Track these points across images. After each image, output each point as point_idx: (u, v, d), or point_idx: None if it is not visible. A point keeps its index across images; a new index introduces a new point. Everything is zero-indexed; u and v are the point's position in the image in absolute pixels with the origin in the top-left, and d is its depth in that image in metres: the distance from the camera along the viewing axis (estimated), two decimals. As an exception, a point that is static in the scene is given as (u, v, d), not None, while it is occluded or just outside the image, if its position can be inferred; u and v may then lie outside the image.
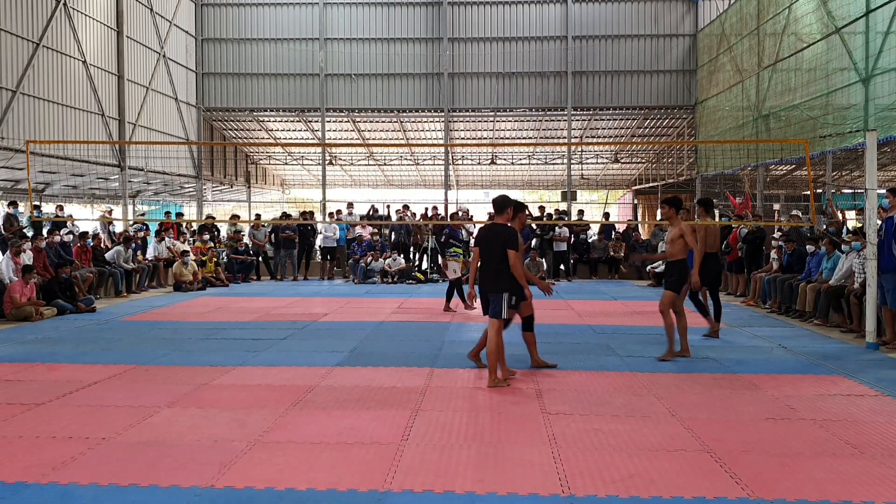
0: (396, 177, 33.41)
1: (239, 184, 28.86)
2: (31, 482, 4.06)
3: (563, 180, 28.72)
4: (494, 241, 6.44)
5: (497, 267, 6.41)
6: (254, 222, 18.61)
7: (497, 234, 6.46)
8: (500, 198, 6.65)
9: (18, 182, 18.06)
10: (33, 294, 10.76)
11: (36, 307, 10.56)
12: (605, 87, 22.83)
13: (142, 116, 20.16)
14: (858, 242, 9.05)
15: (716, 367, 7.22)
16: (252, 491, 3.95)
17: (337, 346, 8.29)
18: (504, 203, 6.58)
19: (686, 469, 4.31)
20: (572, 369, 7.09)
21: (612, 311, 11.73)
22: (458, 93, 23.04)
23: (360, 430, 5.03)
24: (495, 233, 6.49)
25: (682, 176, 25.72)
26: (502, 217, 6.58)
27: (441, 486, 4.03)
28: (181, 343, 8.53)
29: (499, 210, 6.59)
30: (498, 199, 6.64)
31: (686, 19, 22.58)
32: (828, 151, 14.14)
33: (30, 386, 6.38)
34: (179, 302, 12.78)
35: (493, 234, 6.50)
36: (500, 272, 6.41)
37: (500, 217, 6.59)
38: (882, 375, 6.83)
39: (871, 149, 8.24)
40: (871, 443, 4.81)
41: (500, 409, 5.64)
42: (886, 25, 11.75)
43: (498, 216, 6.61)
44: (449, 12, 22.66)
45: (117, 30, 18.94)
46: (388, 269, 16.78)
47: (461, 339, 8.86)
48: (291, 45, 23.09)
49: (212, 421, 5.27)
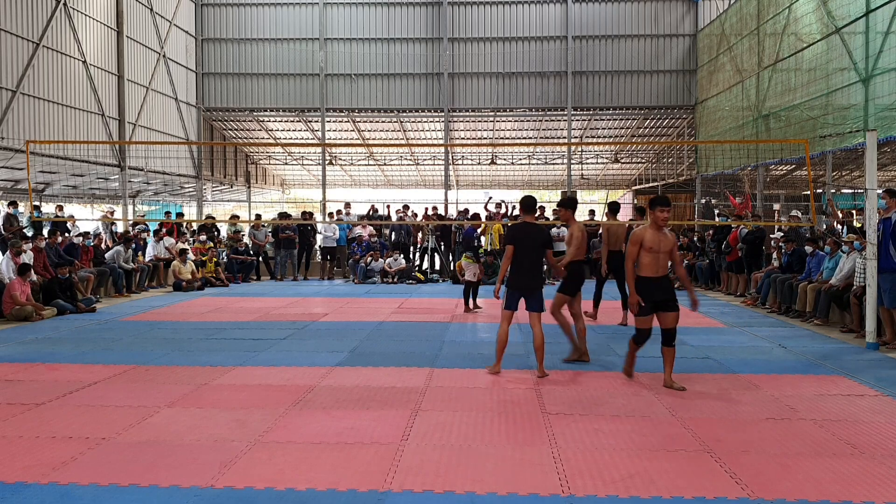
0: (396, 177, 33.42)
1: (239, 184, 28.86)
2: (31, 482, 4.06)
3: (563, 180, 28.74)
4: (529, 240, 6.66)
5: (534, 265, 6.69)
6: (254, 222, 18.62)
7: (531, 233, 6.69)
8: (530, 198, 6.92)
9: (18, 182, 18.07)
10: (29, 294, 10.75)
11: (35, 308, 10.55)
12: (605, 87, 22.83)
13: (142, 116, 20.17)
14: (859, 242, 9.05)
15: (716, 367, 7.22)
16: (252, 491, 3.95)
17: (337, 346, 8.29)
18: (533, 203, 6.89)
19: (686, 469, 4.31)
20: (572, 369, 7.09)
21: (613, 311, 11.72)
22: (458, 93, 23.04)
23: (360, 430, 5.03)
24: (528, 232, 6.69)
25: (682, 176, 25.73)
26: (531, 216, 6.83)
27: (441, 486, 4.03)
28: (181, 343, 8.53)
29: (529, 210, 6.83)
30: (528, 200, 6.89)
31: (686, 19, 22.58)
32: (828, 151, 14.14)
33: (30, 386, 6.38)
34: (179, 302, 12.78)
35: (525, 233, 6.69)
36: (537, 269, 6.72)
37: (530, 216, 6.82)
38: (882, 375, 6.83)
39: (871, 149, 8.24)
40: (871, 443, 4.81)
41: (500, 408, 5.64)
42: (886, 25, 11.75)
43: (527, 215, 6.81)
44: (449, 12, 22.67)
45: (117, 30, 18.94)
46: (388, 269, 16.78)
47: (461, 339, 8.86)
48: (291, 45, 23.10)
49: (212, 421, 5.27)
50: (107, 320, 10.54)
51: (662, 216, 6.18)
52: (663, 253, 6.20)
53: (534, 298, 6.72)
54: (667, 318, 6.26)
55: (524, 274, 6.66)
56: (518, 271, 6.69)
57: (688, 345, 8.45)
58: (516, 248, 6.66)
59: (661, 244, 6.18)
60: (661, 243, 6.18)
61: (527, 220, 6.77)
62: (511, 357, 7.69)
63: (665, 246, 6.21)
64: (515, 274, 6.71)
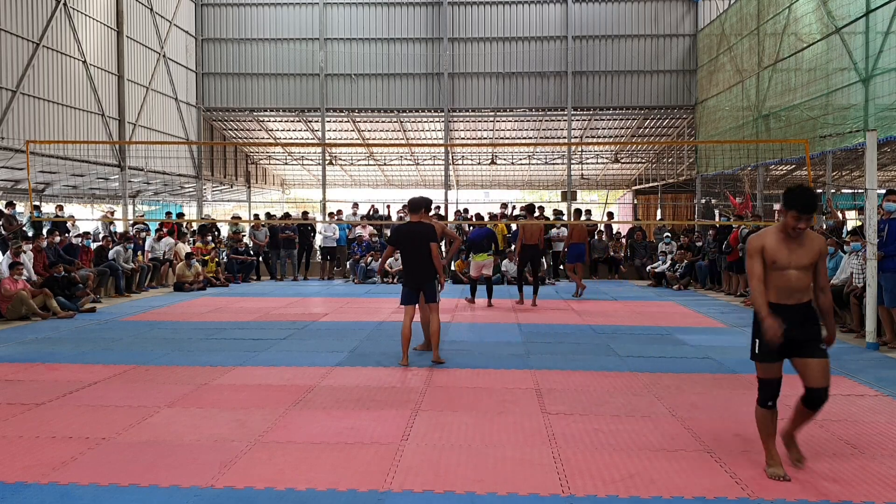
0: (396, 177, 33.41)
1: (239, 184, 28.86)
2: (31, 482, 4.06)
3: (563, 180, 28.72)
4: (412, 239, 7.19)
5: (423, 260, 7.21)
6: (254, 222, 18.63)
7: (414, 232, 7.20)
8: (416, 199, 7.41)
9: (18, 182, 18.06)
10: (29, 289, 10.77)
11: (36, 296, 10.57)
12: (605, 87, 22.83)
13: (142, 116, 20.16)
14: (858, 243, 9.05)
15: (716, 367, 7.22)
16: (252, 491, 3.95)
17: (337, 346, 8.29)
18: (420, 204, 7.35)
19: (686, 469, 4.31)
20: (572, 369, 7.09)
21: (612, 311, 11.73)
22: (458, 93, 23.04)
23: (360, 430, 5.03)
24: (411, 231, 7.23)
25: (682, 176, 25.72)
26: (416, 216, 7.29)
27: (441, 486, 4.03)
28: (181, 343, 8.54)
29: (414, 209, 7.33)
30: (413, 200, 7.41)
31: (686, 19, 22.58)
32: (828, 151, 14.14)
33: (30, 386, 6.38)
34: (179, 302, 12.78)
35: (408, 232, 7.26)
36: (427, 264, 7.24)
37: (415, 216, 7.29)
38: (882, 375, 6.83)
39: (871, 149, 8.24)
40: (871, 443, 4.81)
41: (500, 408, 5.64)
42: (886, 25, 11.75)
43: (413, 215, 7.32)
44: (449, 12, 22.66)
45: (117, 30, 18.94)
46: (388, 269, 16.78)
47: (461, 339, 8.87)
48: (291, 45, 23.09)
49: (212, 421, 5.27)
50: (107, 320, 10.54)
51: (793, 223, 4.07)
52: (799, 269, 4.16)
53: (428, 291, 7.28)
54: (809, 368, 4.29)
55: (414, 270, 7.22)
56: (409, 269, 7.25)
57: (688, 345, 8.46)
58: (401, 247, 7.28)
59: (794, 257, 4.14)
60: (792, 256, 4.14)
61: (412, 220, 7.29)
62: (511, 357, 7.70)
63: (801, 259, 4.15)
64: (407, 272, 7.29)
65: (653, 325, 10.06)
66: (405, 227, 7.34)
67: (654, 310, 11.85)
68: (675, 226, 20.86)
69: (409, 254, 7.20)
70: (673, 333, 9.31)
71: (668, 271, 15.83)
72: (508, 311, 11.61)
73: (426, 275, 7.20)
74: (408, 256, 7.22)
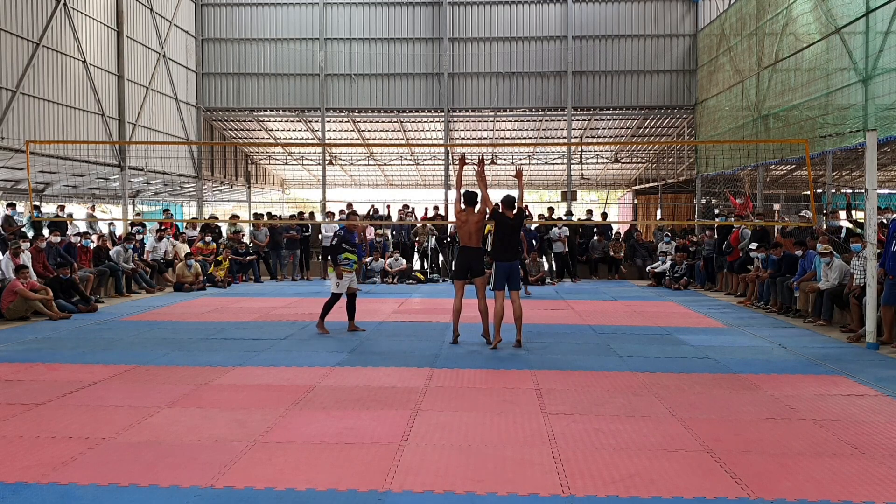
0: (396, 177, 33.42)
1: (239, 184, 28.87)
2: (31, 482, 4.06)
3: (563, 180, 28.73)
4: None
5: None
6: (254, 222, 18.61)
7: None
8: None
9: (18, 182, 18.06)
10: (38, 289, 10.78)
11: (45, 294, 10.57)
12: (605, 87, 22.83)
13: (142, 116, 20.17)
14: (858, 244, 9.04)
15: (716, 367, 7.21)
16: (252, 491, 3.95)
17: (337, 346, 8.29)
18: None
19: (686, 469, 4.30)
20: (572, 369, 7.09)
21: (612, 311, 11.73)
22: (458, 93, 23.04)
23: (360, 430, 5.03)
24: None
25: (682, 176, 25.73)
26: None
27: (441, 486, 4.03)
28: (181, 343, 8.53)
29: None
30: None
31: (686, 19, 22.59)
32: (828, 151, 14.14)
33: (30, 386, 6.38)
34: (179, 302, 12.78)
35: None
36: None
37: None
38: (882, 375, 6.83)
39: (871, 149, 8.24)
40: (871, 443, 4.81)
41: (500, 408, 5.64)
42: (886, 25, 11.75)
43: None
44: (449, 12, 22.67)
45: (117, 30, 18.94)
46: (388, 270, 16.78)
47: (462, 338, 8.85)
48: (291, 45, 23.10)
49: (212, 421, 5.27)
50: (107, 320, 10.54)
51: None
52: None
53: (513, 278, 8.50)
54: None
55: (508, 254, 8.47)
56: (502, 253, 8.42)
57: (688, 345, 8.46)
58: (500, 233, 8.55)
59: None
60: None
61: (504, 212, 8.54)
62: (511, 357, 7.70)
63: None
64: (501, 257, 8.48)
65: (653, 325, 10.06)
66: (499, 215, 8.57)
67: (654, 310, 11.85)
68: (676, 226, 20.85)
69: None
70: (673, 333, 9.31)
71: (667, 276, 15.70)
72: (508, 310, 11.57)
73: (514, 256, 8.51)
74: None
